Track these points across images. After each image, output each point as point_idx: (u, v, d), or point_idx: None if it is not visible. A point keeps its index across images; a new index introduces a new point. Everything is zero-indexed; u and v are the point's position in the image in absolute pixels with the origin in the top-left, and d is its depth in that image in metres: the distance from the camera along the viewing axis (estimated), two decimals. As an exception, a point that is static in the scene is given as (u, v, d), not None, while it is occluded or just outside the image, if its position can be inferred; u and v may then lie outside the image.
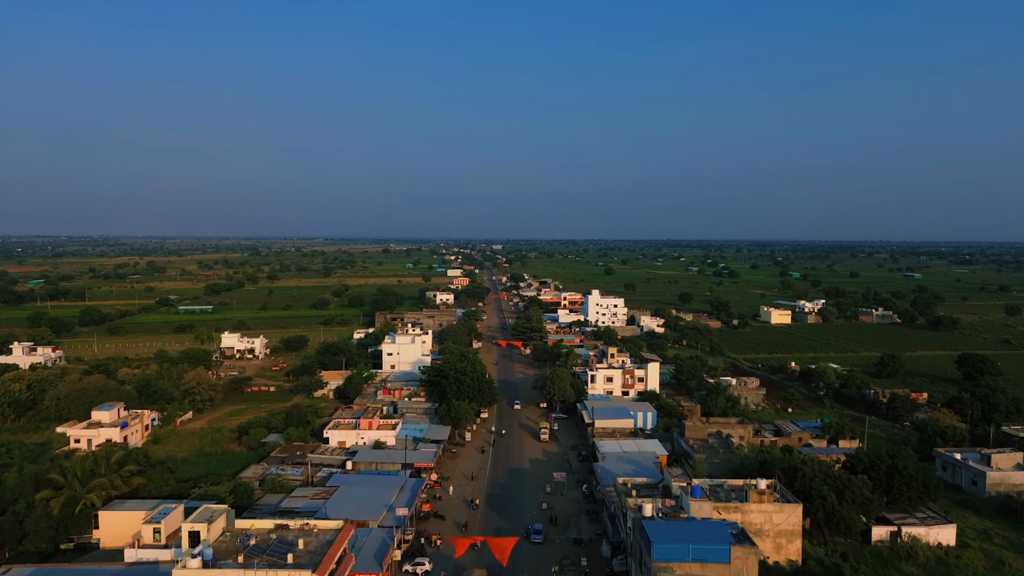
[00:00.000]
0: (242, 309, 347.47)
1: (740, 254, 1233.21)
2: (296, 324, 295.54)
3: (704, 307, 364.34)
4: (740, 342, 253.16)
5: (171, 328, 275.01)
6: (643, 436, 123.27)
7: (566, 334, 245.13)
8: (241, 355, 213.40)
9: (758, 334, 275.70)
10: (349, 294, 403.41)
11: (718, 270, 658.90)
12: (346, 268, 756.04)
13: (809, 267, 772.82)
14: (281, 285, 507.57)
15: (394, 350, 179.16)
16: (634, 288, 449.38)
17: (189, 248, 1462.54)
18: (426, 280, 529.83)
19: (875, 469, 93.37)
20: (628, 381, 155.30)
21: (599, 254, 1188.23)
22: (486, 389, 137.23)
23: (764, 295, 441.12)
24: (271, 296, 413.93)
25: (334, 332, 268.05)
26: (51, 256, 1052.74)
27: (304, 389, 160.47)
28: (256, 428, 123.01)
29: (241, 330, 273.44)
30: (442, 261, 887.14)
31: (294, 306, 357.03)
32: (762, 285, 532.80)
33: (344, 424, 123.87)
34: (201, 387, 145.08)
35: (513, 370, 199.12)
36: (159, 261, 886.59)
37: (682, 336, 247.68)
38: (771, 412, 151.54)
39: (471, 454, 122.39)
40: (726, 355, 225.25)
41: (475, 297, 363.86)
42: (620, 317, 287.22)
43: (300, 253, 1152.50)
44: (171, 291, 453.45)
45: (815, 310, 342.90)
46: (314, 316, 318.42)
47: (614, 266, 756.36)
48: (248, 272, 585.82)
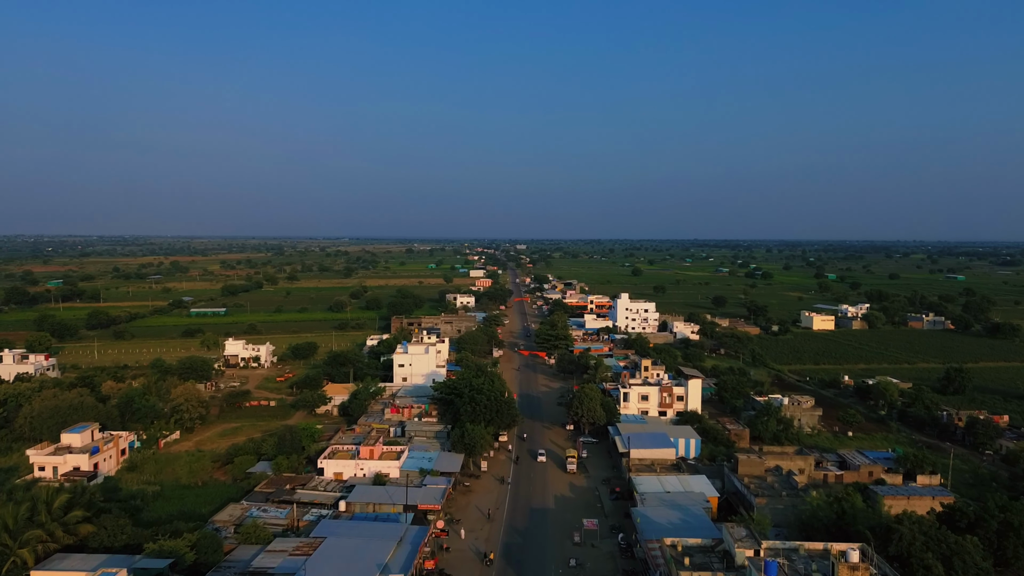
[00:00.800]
0: (256, 311, 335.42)
1: (770, 254, 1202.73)
2: (310, 328, 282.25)
3: (740, 311, 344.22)
4: (783, 351, 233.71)
5: (179, 332, 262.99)
6: (687, 468, 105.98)
7: (594, 342, 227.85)
8: (245, 363, 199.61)
9: (801, 342, 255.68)
10: (367, 296, 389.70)
11: (750, 271, 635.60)
12: (368, 268, 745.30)
13: (844, 268, 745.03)
14: (300, 286, 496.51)
15: (406, 361, 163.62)
16: (664, 290, 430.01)
17: (215, 248, 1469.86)
18: (447, 281, 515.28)
19: (983, 526, 75.42)
20: (666, 400, 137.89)
21: (625, 254, 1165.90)
22: (505, 410, 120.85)
23: (802, 298, 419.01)
24: (288, 298, 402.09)
25: (348, 337, 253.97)
26: (78, 255, 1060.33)
27: (305, 405, 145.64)
28: (243, 456, 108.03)
29: (251, 334, 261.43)
30: (465, 261, 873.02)
31: (310, 308, 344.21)
32: (797, 287, 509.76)
33: (342, 452, 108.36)
34: (190, 404, 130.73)
35: (536, 382, 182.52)
36: (183, 261, 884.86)
37: (720, 344, 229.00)
38: (829, 437, 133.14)
39: (487, 487, 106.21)
40: (769, 366, 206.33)
41: (497, 300, 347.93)
42: (651, 323, 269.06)
43: (324, 253, 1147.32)
44: (188, 292, 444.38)
45: (859, 315, 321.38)
46: (329, 320, 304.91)
47: (641, 266, 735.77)
48: (268, 273, 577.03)
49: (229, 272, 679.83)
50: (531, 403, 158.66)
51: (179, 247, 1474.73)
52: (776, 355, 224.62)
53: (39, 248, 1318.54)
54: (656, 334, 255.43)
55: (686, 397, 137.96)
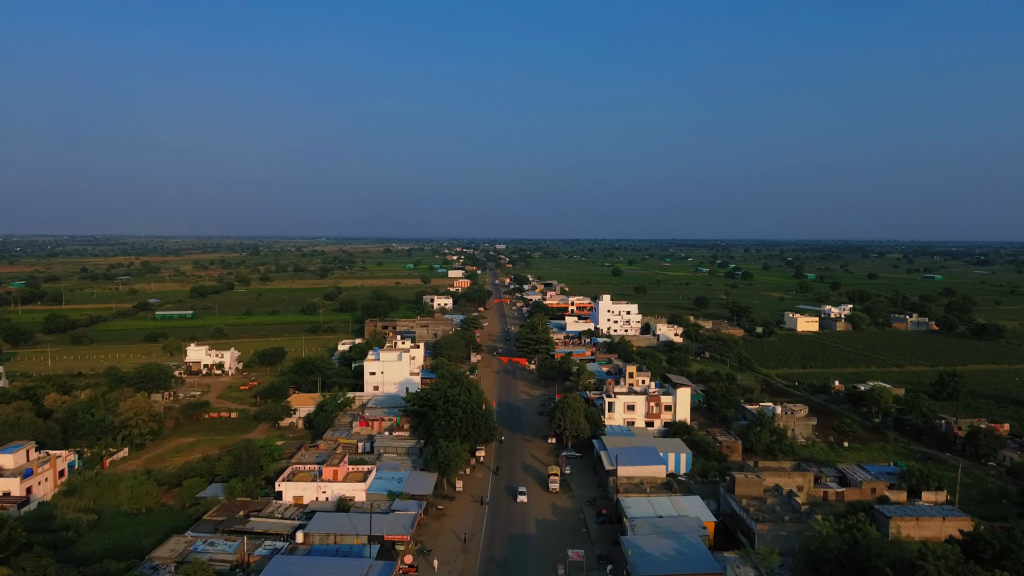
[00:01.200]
0: (225, 314, 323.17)
1: (748, 254, 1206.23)
2: (280, 331, 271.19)
3: (722, 312, 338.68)
4: (768, 354, 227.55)
5: (141, 336, 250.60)
6: (678, 487, 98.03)
7: (575, 345, 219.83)
8: (209, 371, 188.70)
9: (786, 344, 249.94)
10: (342, 298, 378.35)
11: (730, 271, 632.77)
12: (344, 269, 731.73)
13: (822, 268, 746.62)
14: (273, 287, 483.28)
15: (377, 369, 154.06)
16: (645, 291, 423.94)
17: (190, 247, 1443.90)
18: (425, 282, 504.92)
19: (1011, 557, 68.27)
20: (653, 410, 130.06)
21: (604, 254, 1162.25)
22: (482, 424, 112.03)
23: (783, 298, 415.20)
24: (259, 300, 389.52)
25: (319, 341, 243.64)
26: (46, 255, 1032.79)
27: (268, 417, 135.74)
28: (193, 478, 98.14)
29: (218, 338, 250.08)
30: (444, 261, 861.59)
31: (282, 311, 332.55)
32: (778, 287, 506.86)
33: (303, 472, 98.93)
34: (140, 418, 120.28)
35: (516, 389, 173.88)
36: (154, 261, 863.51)
37: (705, 347, 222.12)
38: (824, 448, 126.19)
39: (463, 509, 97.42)
40: (757, 371, 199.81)
41: (475, 302, 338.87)
42: (634, 325, 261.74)
43: (300, 253, 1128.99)
44: (156, 294, 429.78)
45: (842, 316, 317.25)
46: (301, 322, 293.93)
47: (621, 267, 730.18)
48: (240, 273, 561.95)
49: (201, 273, 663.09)
50: (511, 413, 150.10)
51: (152, 247, 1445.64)
52: (762, 358, 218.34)
53: (6, 248, 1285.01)
54: (639, 336, 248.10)
55: (674, 407, 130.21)
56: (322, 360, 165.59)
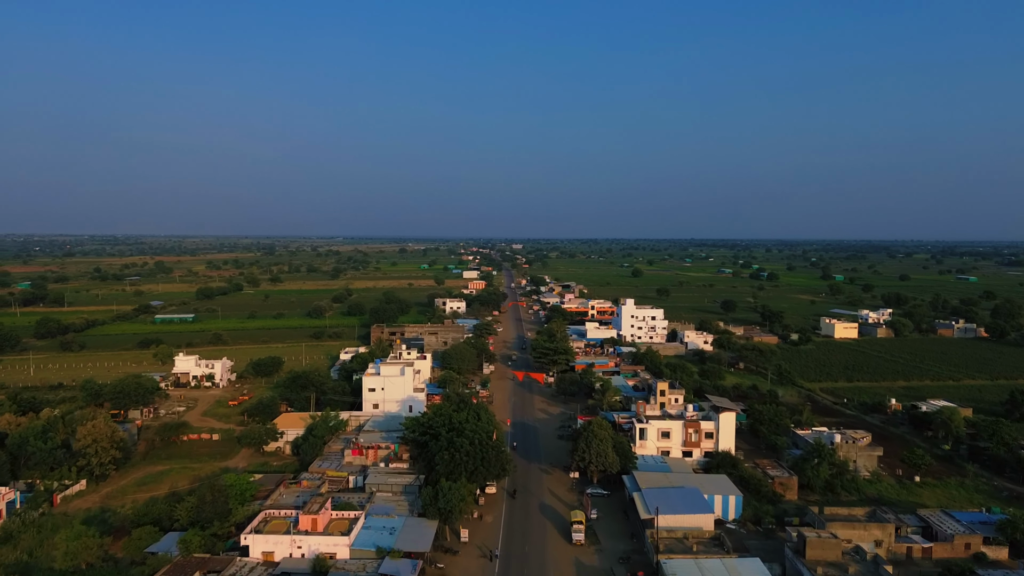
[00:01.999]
0: (228, 317, 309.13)
1: (770, 254, 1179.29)
2: (282, 337, 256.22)
3: (751, 317, 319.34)
4: (807, 365, 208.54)
5: (135, 342, 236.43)
6: (730, 543, 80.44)
7: (597, 355, 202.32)
8: (198, 383, 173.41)
9: (825, 353, 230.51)
10: (351, 300, 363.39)
11: (754, 272, 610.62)
12: (358, 269, 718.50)
13: (849, 269, 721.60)
14: (282, 288, 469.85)
15: (377, 384, 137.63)
16: (667, 293, 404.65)
17: (206, 247, 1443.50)
18: (438, 283, 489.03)
19: None
20: (691, 438, 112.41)
21: (623, 254, 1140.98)
22: (493, 459, 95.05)
23: (814, 302, 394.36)
24: (265, 302, 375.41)
25: (322, 349, 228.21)
26: (63, 255, 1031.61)
27: (251, 441, 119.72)
28: (145, 526, 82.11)
29: (216, 344, 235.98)
30: (459, 262, 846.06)
31: (287, 314, 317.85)
32: (806, 289, 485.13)
33: (278, 520, 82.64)
34: (100, 445, 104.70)
35: (532, 406, 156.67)
36: (168, 261, 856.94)
37: (739, 358, 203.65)
38: (894, 485, 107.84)
39: (468, 566, 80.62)
40: (798, 385, 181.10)
41: (489, 305, 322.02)
42: (660, 332, 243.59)
43: (315, 253, 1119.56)
44: (162, 295, 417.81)
45: (881, 321, 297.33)
46: (306, 327, 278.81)
47: (641, 267, 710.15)
48: (250, 274, 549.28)
49: (213, 273, 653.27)
50: (526, 435, 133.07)
51: (169, 247, 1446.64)
52: (801, 370, 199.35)
53: (27, 248, 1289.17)
54: (665, 344, 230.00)
55: (716, 434, 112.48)
56: (317, 374, 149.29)
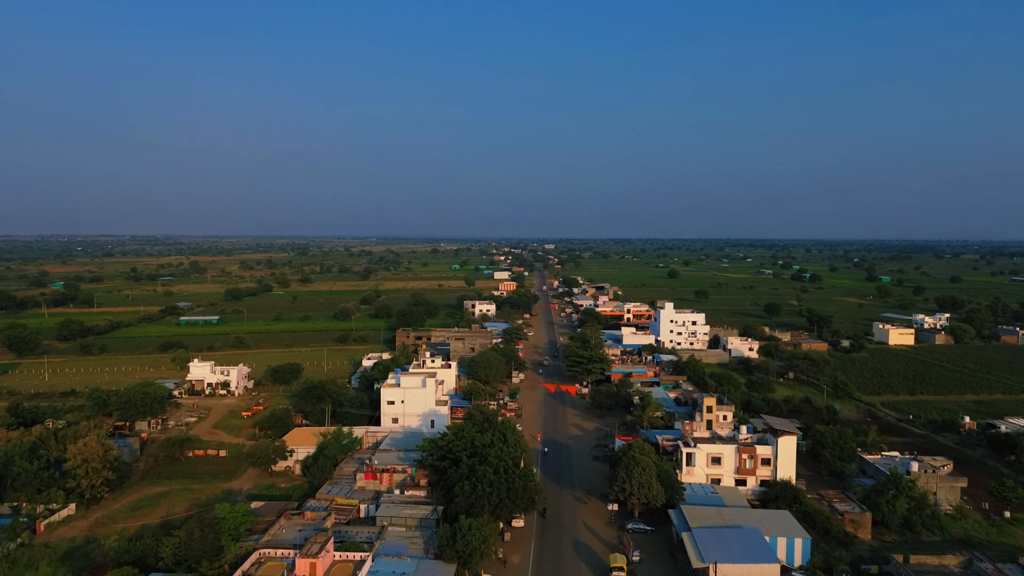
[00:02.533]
0: (254, 319, 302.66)
1: (810, 254, 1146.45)
2: (307, 340, 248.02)
3: (797, 321, 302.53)
4: (863, 375, 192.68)
5: (156, 345, 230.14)
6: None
7: (635, 364, 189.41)
8: (212, 390, 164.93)
9: (881, 362, 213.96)
10: (379, 302, 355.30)
11: (796, 273, 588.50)
12: (389, 270, 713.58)
13: (895, 270, 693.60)
14: (311, 289, 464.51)
15: (396, 397, 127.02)
16: (706, 295, 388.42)
17: (242, 247, 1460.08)
18: (468, 284, 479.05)
19: None
20: (746, 464, 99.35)
21: (657, 254, 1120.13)
22: (520, 489, 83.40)
23: (862, 305, 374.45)
24: (293, 304, 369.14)
25: (346, 353, 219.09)
26: (102, 255, 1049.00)
27: (258, 460, 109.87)
28: (122, 570, 72.11)
29: (238, 348, 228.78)
30: (490, 262, 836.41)
31: (314, 316, 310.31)
32: (852, 291, 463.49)
33: (273, 562, 72.13)
34: (91, 466, 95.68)
35: (564, 421, 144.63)
36: (203, 261, 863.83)
37: (789, 367, 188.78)
38: (981, 522, 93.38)
39: (490, 619, 69.13)
40: (856, 398, 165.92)
41: (520, 308, 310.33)
42: (701, 338, 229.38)
43: (348, 253, 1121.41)
44: (191, 296, 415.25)
45: (938, 326, 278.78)
46: (331, 330, 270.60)
47: (677, 268, 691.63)
48: (280, 275, 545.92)
49: (246, 273, 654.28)
50: (558, 454, 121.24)
51: (207, 247, 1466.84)
52: (858, 381, 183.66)
53: (70, 248, 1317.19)
54: (707, 352, 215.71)
55: (774, 460, 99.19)
56: (334, 384, 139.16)
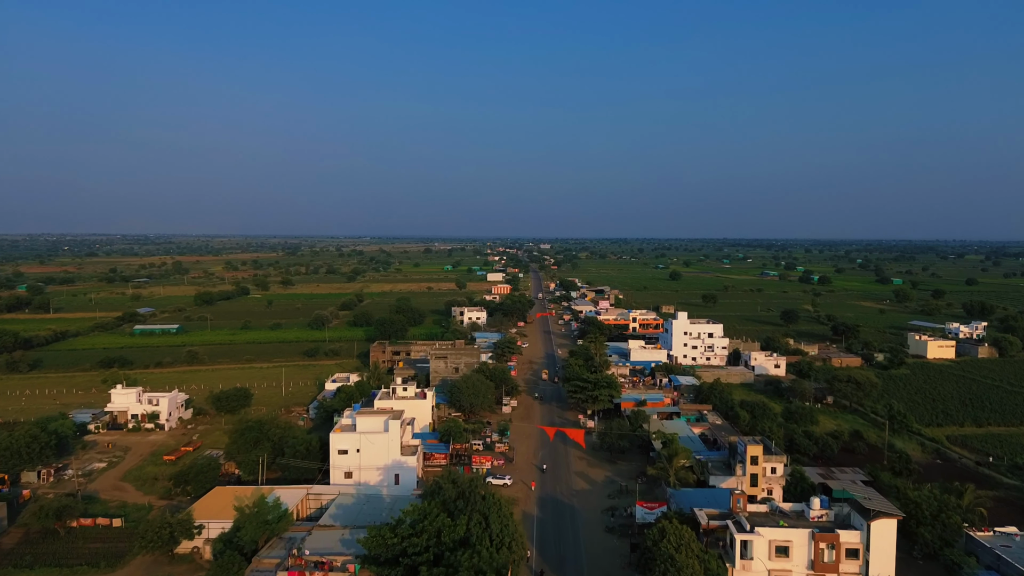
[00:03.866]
0: (220, 328, 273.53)
1: (811, 255, 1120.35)
2: (271, 354, 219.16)
3: (817, 329, 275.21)
4: (914, 399, 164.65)
5: (96, 361, 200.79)
6: None
7: (647, 387, 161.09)
8: (138, 423, 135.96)
9: (927, 381, 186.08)
10: (361, 308, 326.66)
11: (803, 275, 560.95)
12: (378, 271, 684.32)
13: (903, 271, 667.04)
14: (292, 292, 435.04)
15: (350, 444, 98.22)
16: (714, 300, 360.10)
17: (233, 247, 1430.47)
18: (460, 287, 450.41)
19: None
20: (824, 556, 71.07)
21: (655, 254, 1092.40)
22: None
23: (883, 311, 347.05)
24: (268, 309, 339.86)
25: (312, 371, 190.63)
26: (84, 255, 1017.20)
27: (151, 543, 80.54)
28: None
29: (191, 364, 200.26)
30: (484, 262, 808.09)
31: (286, 324, 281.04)
32: (866, 295, 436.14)
33: None
34: None
35: (567, 467, 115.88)
36: (187, 261, 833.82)
37: (828, 390, 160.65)
38: None
39: None
40: (916, 432, 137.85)
41: (514, 315, 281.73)
42: (719, 352, 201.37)
43: (338, 252, 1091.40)
44: (164, 299, 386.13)
45: (975, 336, 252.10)
46: (303, 341, 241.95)
47: (677, 269, 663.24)
48: (260, 277, 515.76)
49: (230, 274, 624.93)
50: (559, 518, 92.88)
51: (197, 246, 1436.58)
52: (907, 406, 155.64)
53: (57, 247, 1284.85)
54: (728, 370, 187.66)
55: (865, 553, 70.93)
56: (275, 424, 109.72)
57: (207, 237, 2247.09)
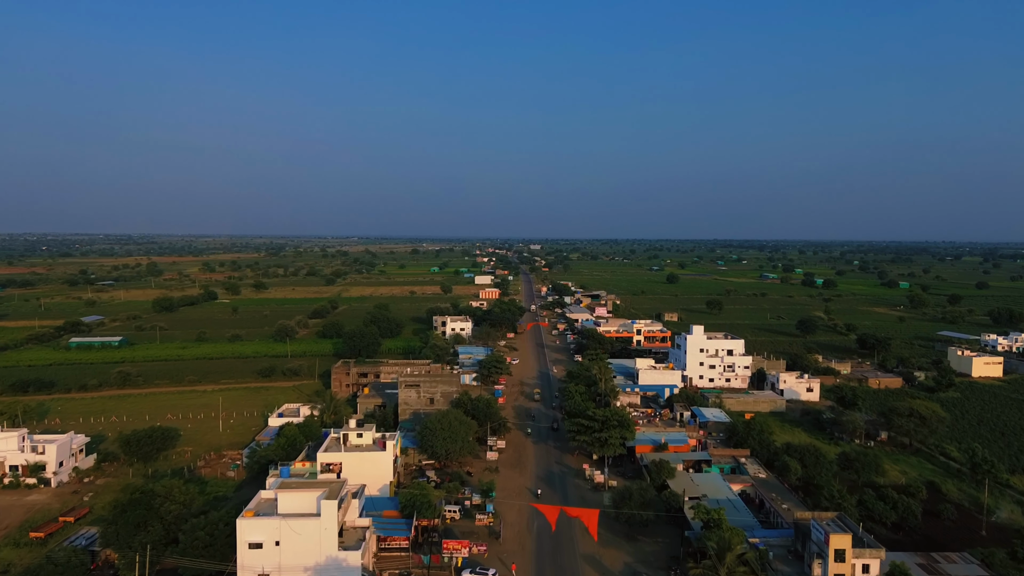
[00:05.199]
0: (171, 340, 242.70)
1: (805, 256, 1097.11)
2: (223, 373, 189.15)
3: (837, 341, 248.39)
4: (980, 433, 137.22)
5: (7, 384, 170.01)
6: None
7: (664, 422, 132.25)
8: (15, 478, 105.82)
9: (984, 408, 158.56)
10: (333, 316, 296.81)
11: (807, 279, 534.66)
12: (362, 272, 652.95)
13: (905, 274, 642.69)
14: (263, 297, 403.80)
15: (266, 535, 68.80)
16: (719, 307, 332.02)
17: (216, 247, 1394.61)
18: (445, 291, 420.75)
19: None
20: None
21: (647, 256, 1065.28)
22: None
23: (902, 319, 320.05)
24: (234, 316, 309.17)
25: (264, 398, 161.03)
26: (59, 255, 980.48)
27: None
28: None
29: (123, 386, 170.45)
30: (473, 264, 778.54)
31: (246, 336, 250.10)
32: (877, 300, 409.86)
33: None
34: None
35: (572, 553, 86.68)
36: (163, 262, 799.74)
37: (883, 423, 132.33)
38: None
39: None
40: (1003, 482, 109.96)
41: (503, 325, 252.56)
42: (741, 373, 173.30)
43: (322, 253, 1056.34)
44: (124, 304, 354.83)
45: (1015, 349, 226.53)
46: (262, 355, 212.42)
47: (673, 271, 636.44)
48: (234, 280, 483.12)
49: (204, 276, 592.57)
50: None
51: (180, 246, 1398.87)
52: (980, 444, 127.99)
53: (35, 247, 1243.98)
54: (756, 396, 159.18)
55: None
56: (170, 498, 79.54)
57: (193, 237, 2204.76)
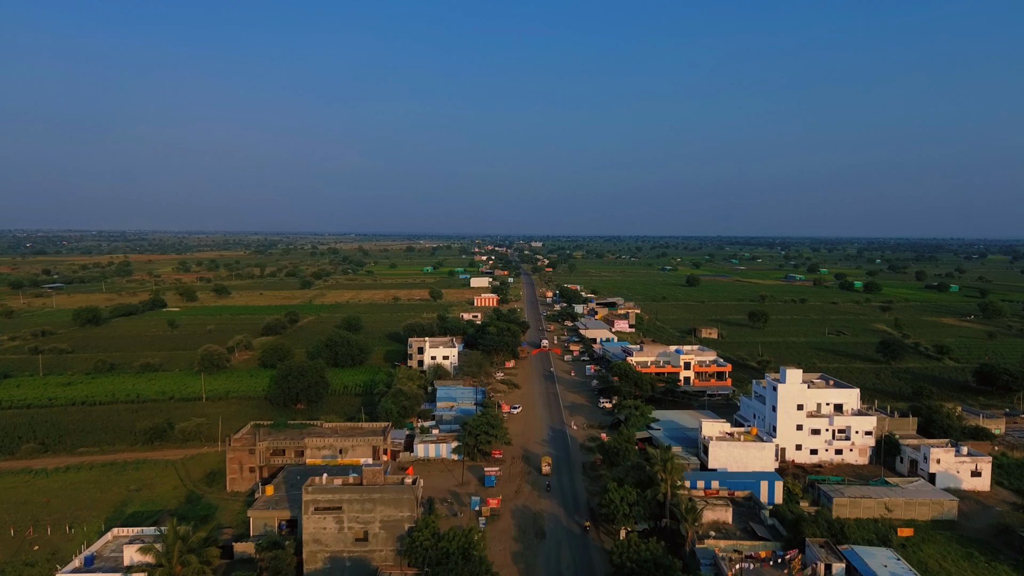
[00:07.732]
0: (58, 373, 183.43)
1: (819, 254, 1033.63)
2: (91, 434, 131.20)
3: (933, 368, 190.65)
4: None
5: None
6: None
7: (774, 563, 74.06)
8: None
9: None
10: (289, 332, 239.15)
11: (845, 282, 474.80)
12: (347, 273, 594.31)
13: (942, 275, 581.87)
14: (223, 304, 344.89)
15: None
16: (764, 318, 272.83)
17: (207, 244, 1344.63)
18: (435, 297, 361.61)
19: None
20: None
21: (655, 254, 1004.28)
22: None
23: (992, 334, 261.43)
24: (171, 332, 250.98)
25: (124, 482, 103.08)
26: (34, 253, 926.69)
27: None
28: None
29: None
30: (470, 263, 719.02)
31: (165, 365, 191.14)
32: (938, 308, 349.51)
33: None
34: None
35: None
36: (139, 261, 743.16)
37: None
38: None
39: None
40: None
41: (499, 351, 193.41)
42: (859, 442, 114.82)
43: (311, 251, 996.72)
44: (56, 312, 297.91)
45: None
46: (166, 399, 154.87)
47: (689, 271, 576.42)
48: (188, 285, 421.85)
49: (179, 276, 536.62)
50: None
51: (169, 243, 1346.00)
52: None
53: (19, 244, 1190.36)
54: (908, 493, 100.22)
55: None
56: None
57: (187, 234, 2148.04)
